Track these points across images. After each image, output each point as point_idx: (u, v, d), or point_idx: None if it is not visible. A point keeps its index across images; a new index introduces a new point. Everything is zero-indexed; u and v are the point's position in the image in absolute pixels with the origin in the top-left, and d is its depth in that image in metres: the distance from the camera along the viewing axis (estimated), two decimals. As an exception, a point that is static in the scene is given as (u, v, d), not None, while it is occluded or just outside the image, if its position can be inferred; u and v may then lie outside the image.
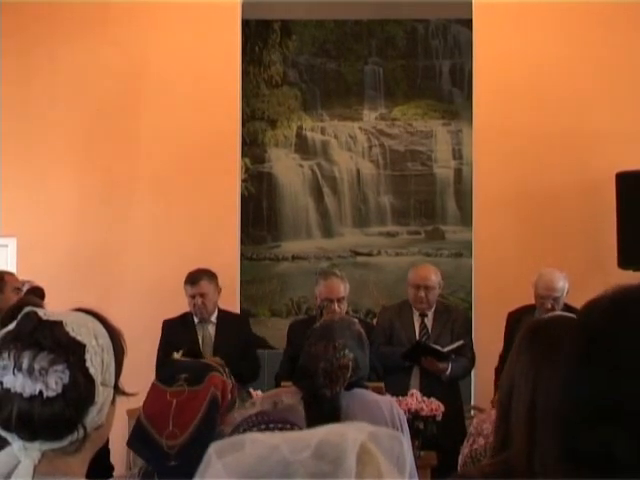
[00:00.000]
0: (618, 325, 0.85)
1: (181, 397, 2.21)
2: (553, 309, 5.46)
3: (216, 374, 2.31)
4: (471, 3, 7.08)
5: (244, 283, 7.77)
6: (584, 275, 6.04)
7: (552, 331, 1.99)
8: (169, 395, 2.22)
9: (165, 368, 2.37)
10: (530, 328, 2.11)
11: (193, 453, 2.19)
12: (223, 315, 5.90)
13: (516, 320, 5.46)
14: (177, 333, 5.72)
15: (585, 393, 0.84)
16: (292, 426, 2.00)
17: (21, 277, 5.88)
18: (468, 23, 7.53)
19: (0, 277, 5.55)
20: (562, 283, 5.65)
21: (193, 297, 5.71)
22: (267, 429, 1.96)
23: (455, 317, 5.86)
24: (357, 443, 0.94)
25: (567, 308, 5.18)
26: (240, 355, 5.62)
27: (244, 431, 1.97)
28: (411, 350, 5.57)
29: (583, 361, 0.85)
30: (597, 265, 6.49)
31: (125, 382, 2.69)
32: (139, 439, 2.22)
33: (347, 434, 0.95)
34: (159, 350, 5.72)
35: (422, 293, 5.71)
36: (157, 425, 2.19)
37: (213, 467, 0.94)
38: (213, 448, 0.96)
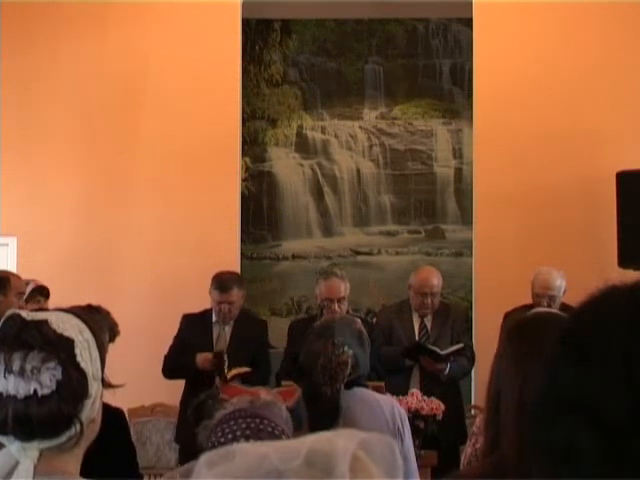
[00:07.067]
0: (592, 328, 0.85)
1: None
2: (549, 308, 5.43)
3: None
4: (471, 2, 7.08)
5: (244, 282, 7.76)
6: (584, 275, 6.02)
7: (536, 328, 1.96)
8: None
9: None
10: (514, 326, 2.09)
11: None
12: (242, 317, 5.77)
13: None
14: (193, 329, 5.67)
15: (552, 391, 0.84)
16: (262, 420, 2.03)
17: (22, 277, 5.81)
18: (468, 22, 7.53)
19: (6, 278, 5.12)
20: (559, 282, 5.63)
21: (220, 303, 5.58)
22: (244, 422, 2.03)
23: (454, 317, 5.85)
24: (348, 451, 0.92)
25: (564, 307, 5.16)
26: (251, 359, 5.57)
27: (223, 426, 2.04)
28: (410, 349, 5.58)
29: (553, 361, 0.85)
30: (597, 265, 6.48)
31: (126, 378, 2.69)
32: None
33: (337, 442, 0.93)
34: (174, 342, 5.69)
35: (428, 300, 5.70)
36: None
37: (204, 478, 0.93)
38: (203, 459, 0.94)
